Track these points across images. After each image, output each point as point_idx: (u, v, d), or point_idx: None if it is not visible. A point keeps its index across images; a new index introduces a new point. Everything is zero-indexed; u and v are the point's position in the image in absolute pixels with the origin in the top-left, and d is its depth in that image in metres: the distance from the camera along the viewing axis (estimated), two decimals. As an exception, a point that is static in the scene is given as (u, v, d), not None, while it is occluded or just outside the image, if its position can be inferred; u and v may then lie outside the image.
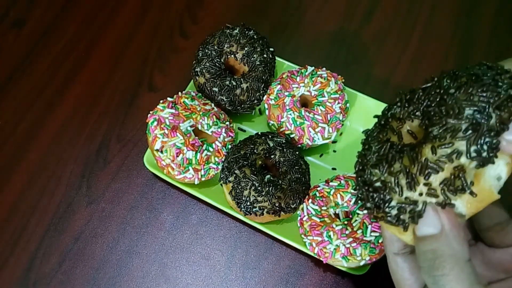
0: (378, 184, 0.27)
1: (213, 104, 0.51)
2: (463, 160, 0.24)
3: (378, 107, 0.52)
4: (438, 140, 0.25)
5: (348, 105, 0.52)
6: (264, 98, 0.52)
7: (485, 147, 0.24)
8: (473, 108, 0.24)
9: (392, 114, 0.30)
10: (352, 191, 0.45)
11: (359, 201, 0.30)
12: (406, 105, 0.29)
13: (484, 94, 0.24)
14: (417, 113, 0.28)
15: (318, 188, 0.47)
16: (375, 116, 0.32)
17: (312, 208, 0.46)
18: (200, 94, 0.52)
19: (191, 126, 0.48)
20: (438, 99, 0.27)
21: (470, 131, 0.24)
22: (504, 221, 0.30)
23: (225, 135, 0.49)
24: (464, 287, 0.24)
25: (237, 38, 0.52)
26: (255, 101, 0.52)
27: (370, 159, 0.28)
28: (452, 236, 0.25)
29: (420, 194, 0.25)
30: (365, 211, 0.31)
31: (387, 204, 0.27)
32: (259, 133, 0.50)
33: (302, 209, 0.47)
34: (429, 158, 0.25)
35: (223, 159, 0.49)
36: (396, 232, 0.28)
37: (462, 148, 0.24)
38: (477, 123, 0.24)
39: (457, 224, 0.25)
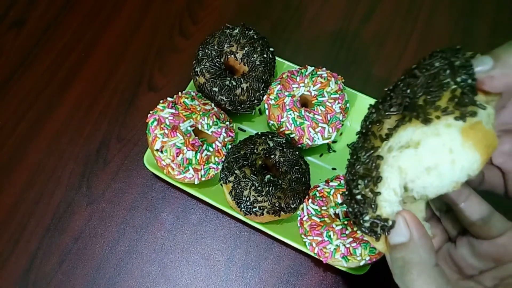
0: (359, 197, 0.29)
1: (213, 104, 0.51)
2: (454, 86, 0.26)
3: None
4: (426, 88, 0.27)
5: (348, 105, 0.52)
6: (264, 98, 0.52)
7: (466, 76, 0.27)
8: (440, 59, 0.28)
9: (370, 122, 0.31)
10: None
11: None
12: (380, 106, 0.31)
13: (442, 53, 0.28)
14: (391, 109, 0.29)
15: (318, 188, 0.47)
16: (357, 133, 0.33)
17: (312, 208, 0.46)
18: (200, 94, 0.52)
19: (191, 126, 0.48)
20: (407, 79, 0.29)
21: (448, 70, 0.27)
22: (486, 215, 0.31)
23: (225, 135, 0.49)
24: None
25: (237, 38, 0.52)
26: (255, 101, 0.52)
27: (359, 169, 0.30)
28: (420, 245, 0.27)
29: (438, 117, 0.26)
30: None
31: (362, 217, 0.29)
32: (259, 133, 0.50)
33: (302, 209, 0.47)
34: (426, 97, 0.27)
35: (223, 159, 0.49)
36: (369, 240, 0.30)
37: (450, 82, 0.27)
38: (450, 63, 0.27)
39: (425, 234, 0.28)
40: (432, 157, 0.27)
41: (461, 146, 0.26)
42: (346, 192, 0.31)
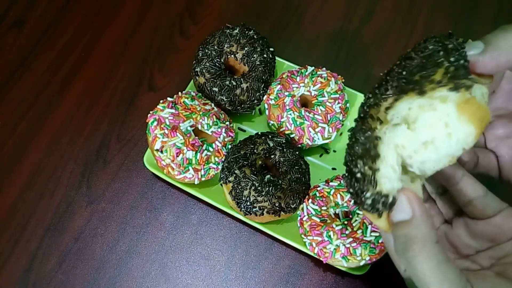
0: (359, 175, 0.30)
1: (213, 104, 0.51)
2: (448, 64, 0.28)
3: (378, 107, 0.52)
4: (421, 67, 0.29)
5: (348, 105, 0.52)
6: (264, 98, 0.52)
7: (459, 57, 0.28)
8: (434, 42, 0.29)
9: (368, 106, 0.32)
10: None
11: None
12: (377, 91, 0.32)
13: (436, 38, 0.30)
14: (388, 92, 0.30)
15: (318, 188, 0.47)
16: (355, 120, 0.34)
17: (312, 208, 0.46)
18: (200, 94, 0.52)
19: (191, 126, 0.48)
20: (402, 63, 0.30)
21: (442, 52, 0.28)
22: (480, 195, 0.32)
23: (225, 135, 0.49)
24: (433, 265, 0.27)
25: (237, 38, 0.52)
26: (255, 101, 0.52)
27: (357, 150, 0.31)
28: (422, 221, 0.28)
29: (432, 89, 0.28)
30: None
31: (363, 194, 0.30)
32: (259, 133, 0.50)
33: (302, 209, 0.47)
34: (422, 73, 0.28)
35: (223, 159, 0.49)
36: (371, 218, 0.31)
37: (444, 61, 0.28)
38: (444, 45, 0.29)
39: (426, 212, 0.28)
40: (429, 132, 0.28)
41: (457, 120, 0.27)
42: (347, 174, 0.32)
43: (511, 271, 0.30)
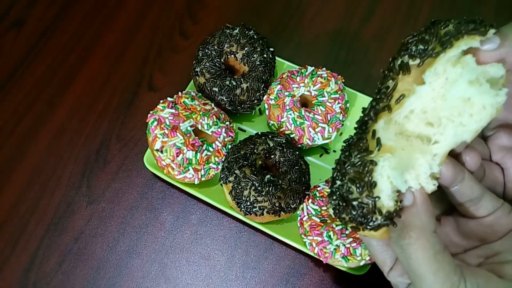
0: (355, 203, 0.28)
1: (213, 104, 0.51)
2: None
3: (378, 107, 0.52)
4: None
5: (348, 105, 0.52)
6: (264, 98, 0.52)
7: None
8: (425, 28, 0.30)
9: (364, 121, 0.30)
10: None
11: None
12: (374, 103, 0.30)
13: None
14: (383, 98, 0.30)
15: (318, 188, 0.47)
16: (355, 128, 0.32)
17: (312, 208, 0.46)
18: (200, 94, 0.52)
19: (191, 126, 0.48)
20: (396, 59, 0.31)
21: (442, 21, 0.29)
22: (475, 197, 0.31)
23: (225, 135, 0.49)
24: (428, 255, 0.26)
25: (237, 38, 0.52)
26: (255, 101, 0.52)
27: (349, 170, 0.28)
28: (422, 209, 0.27)
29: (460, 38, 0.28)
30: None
31: (369, 221, 0.27)
32: (259, 133, 0.50)
33: (302, 209, 0.47)
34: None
35: (223, 159, 0.49)
36: (367, 233, 0.29)
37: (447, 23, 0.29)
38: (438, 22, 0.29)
39: (427, 200, 0.28)
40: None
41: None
42: (337, 195, 0.29)
43: (499, 270, 0.30)
